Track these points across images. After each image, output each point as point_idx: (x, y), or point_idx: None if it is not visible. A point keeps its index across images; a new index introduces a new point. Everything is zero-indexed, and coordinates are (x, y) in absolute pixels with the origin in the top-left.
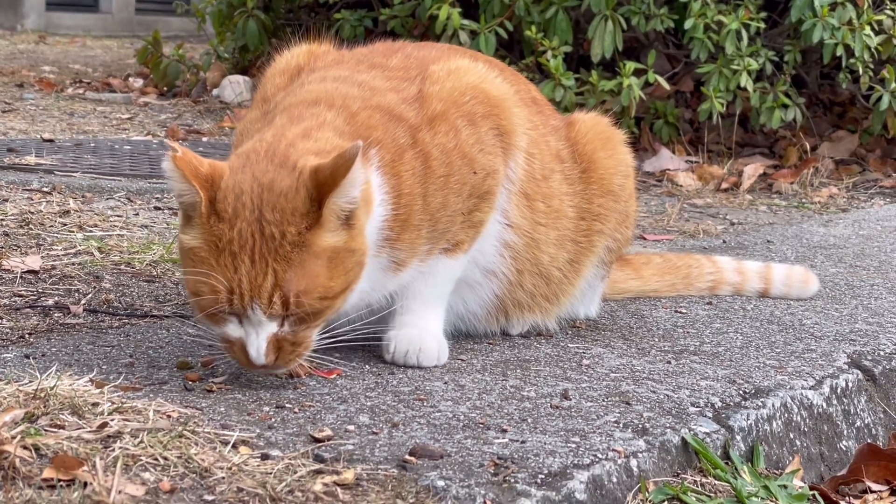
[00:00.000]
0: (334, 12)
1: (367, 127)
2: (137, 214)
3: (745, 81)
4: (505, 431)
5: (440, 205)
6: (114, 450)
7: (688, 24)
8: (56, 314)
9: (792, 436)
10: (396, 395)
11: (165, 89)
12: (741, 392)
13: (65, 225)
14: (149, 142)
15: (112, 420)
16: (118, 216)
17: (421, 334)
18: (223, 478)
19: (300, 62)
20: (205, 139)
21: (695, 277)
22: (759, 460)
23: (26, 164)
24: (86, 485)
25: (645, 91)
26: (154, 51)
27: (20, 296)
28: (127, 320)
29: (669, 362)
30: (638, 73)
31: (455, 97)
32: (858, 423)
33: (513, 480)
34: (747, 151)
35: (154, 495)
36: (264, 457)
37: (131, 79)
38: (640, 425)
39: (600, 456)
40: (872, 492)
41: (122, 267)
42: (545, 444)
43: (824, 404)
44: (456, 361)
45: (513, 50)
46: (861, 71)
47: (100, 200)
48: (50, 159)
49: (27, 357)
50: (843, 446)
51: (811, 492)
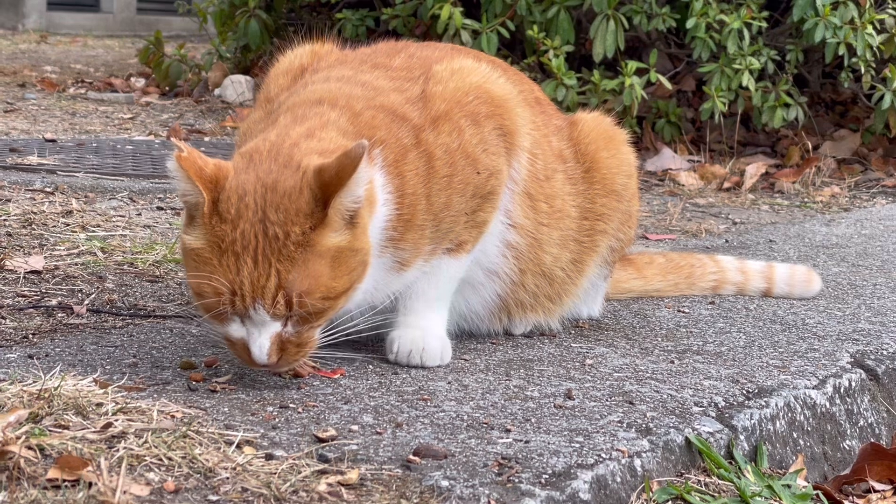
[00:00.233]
0: (336, 12)
1: (370, 127)
2: (140, 214)
3: (747, 81)
4: (509, 431)
5: (443, 205)
6: (118, 450)
7: (689, 24)
8: (59, 314)
9: (795, 435)
10: (400, 395)
11: (167, 89)
12: (744, 392)
13: (67, 225)
14: (151, 141)
15: (116, 420)
16: (121, 216)
17: (424, 334)
18: (227, 478)
19: (303, 62)
20: (207, 139)
21: (697, 277)
22: (762, 460)
23: (29, 164)
24: (90, 485)
25: (647, 90)
26: (156, 50)
27: (23, 296)
28: (130, 320)
29: (673, 362)
30: (640, 72)
31: (458, 97)
32: (862, 423)
33: (517, 480)
34: (749, 151)
35: (158, 495)
36: (268, 457)
37: (133, 78)
38: (644, 425)
39: (604, 456)
40: (876, 491)
41: (125, 267)
42: (549, 443)
43: (827, 404)
44: (459, 361)
45: (515, 49)
46: (863, 70)
47: (102, 200)
48: (52, 159)
49: (31, 357)
50: (846, 446)
51: (815, 491)
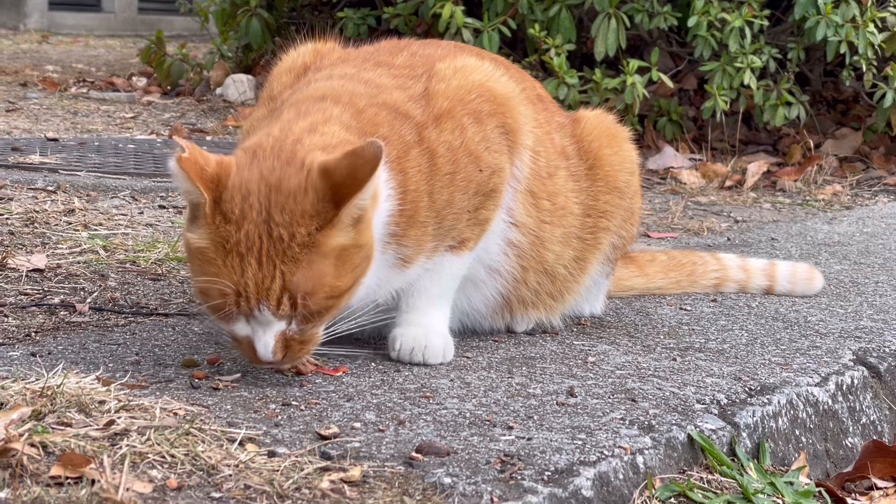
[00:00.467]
0: (337, 11)
1: (373, 124)
2: (142, 213)
3: (749, 79)
4: (511, 428)
5: (446, 202)
6: (121, 447)
7: (691, 22)
8: (62, 312)
9: (798, 432)
10: (402, 392)
11: (169, 88)
12: (747, 389)
13: (70, 223)
14: (153, 140)
15: (119, 418)
16: (123, 215)
17: (426, 332)
18: (230, 475)
19: (306, 60)
20: (208, 138)
21: (699, 275)
22: (764, 457)
23: (31, 163)
24: (93, 482)
25: (648, 89)
26: (157, 50)
27: (26, 294)
28: (133, 318)
29: (675, 359)
30: (641, 71)
31: (461, 95)
32: (864, 420)
33: (519, 477)
34: (751, 149)
35: (161, 493)
36: (271, 454)
37: (135, 78)
38: (646, 422)
39: (606, 453)
40: (878, 488)
41: (128, 265)
42: (551, 441)
43: (830, 401)
44: (461, 359)
45: (516, 48)
46: (864, 68)
47: (104, 199)
48: (54, 158)
49: (34, 355)
50: (848, 443)
51: (817, 488)
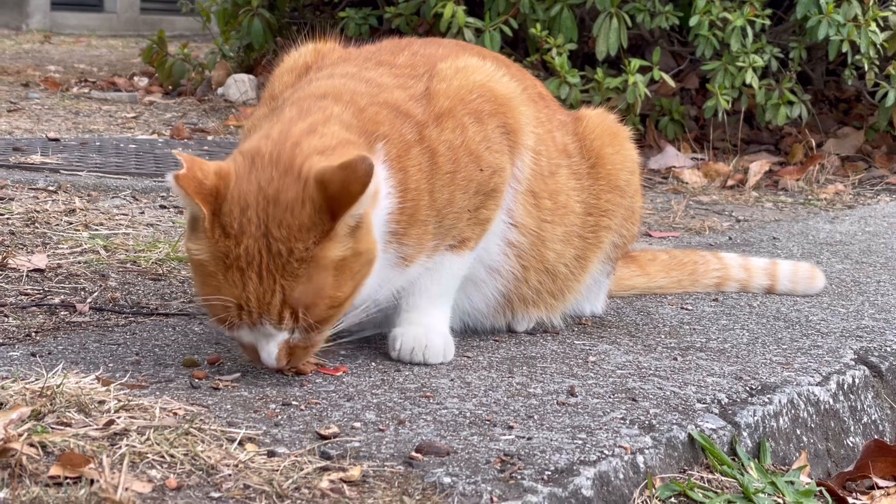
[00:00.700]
0: (339, 10)
1: (374, 122)
2: (143, 213)
3: (751, 78)
4: (511, 428)
5: (446, 201)
6: (120, 447)
7: (693, 22)
8: (62, 312)
9: (799, 432)
10: (402, 392)
11: (170, 88)
12: (748, 388)
13: (70, 223)
14: (154, 140)
15: (118, 418)
16: (124, 215)
17: (427, 331)
18: (230, 475)
19: (308, 60)
20: (210, 138)
21: (701, 274)
22: (765, 456)
23: (32, 163)
24: (92, 482)
25: (650, 88)
26: (159, 50)
27: (26, 294)
28: (133, 318)
29: (676, 359)
30: (643, 70)
31: (462, 95)
32: (865, 420)
33: (519, 477)
34: (753, 148)
35: (161, 492)
36: (271, 454)
37: (136, 78)
38: (647, 422)
39: (607, 452)
40: (880, 488)
41: (128, 265)
42: (551, 440)
43: (831, 400)
44: (462, 358)
45: (518, 48)
46: (866, 67)
47: (105, 199)
48: (55, 158)
49: (33, 355)
50: (849, 442)
51: (818, 488)
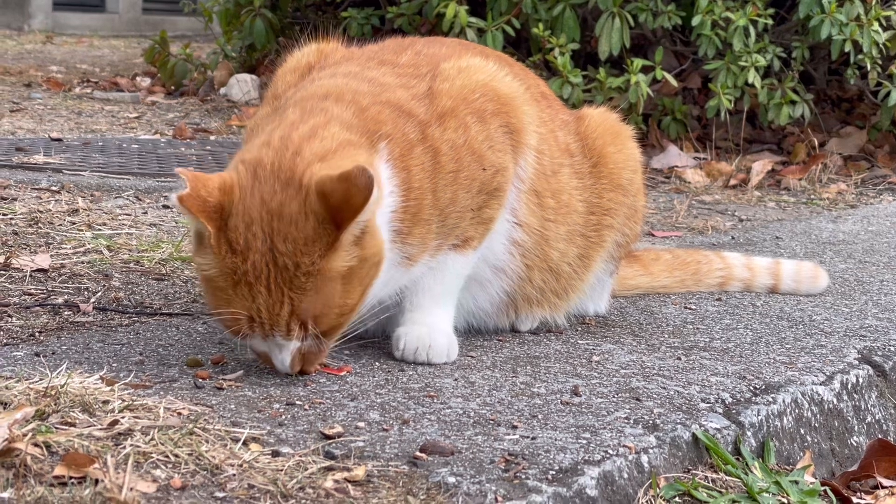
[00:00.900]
0: (341, 10)
1: (376, 121)
2: (146, 213)
3: (753, 78)
4: (515, 428)
5: (449, 200)
6: (125, 447)
7: (695, 21)
8: (66, 312)
9: (803, 431)
10: (406, 391)
11: (173, 88)
12: (751, 388)
13: (74, 223)
14: (157, 140)
15: (123, 417)
16: (127, 215)
17: (431, 331)
18: (234, 475)
19: (310, 60)
20: (212, 138)
21: (704, 273)
22: (769, 456)
23: (35, 164)
24: (97, 482)
25: (653, 88)
26: (161, 50)
27: (30, 294)
28: (136, 318)
29: (679, 358)
30: (645, 70)
31: (465, 94)
32: (869, 419)
33: (524, 477)
34: (755, 148)
35: (165, 492)
36: (275, 454)
37: (139, 78)
38: (651, 421)
39: (611, 452)
40: (884, 487)
41: (132, 265)
42: (556, 440)
43: (835, 400)
44: (466, 358)
45: (520, 47)
46: (869, 67)
47: (108, 199)
48: (58, 158)
49: (37, 355)
50: (853, 442)
51: (823, 487)
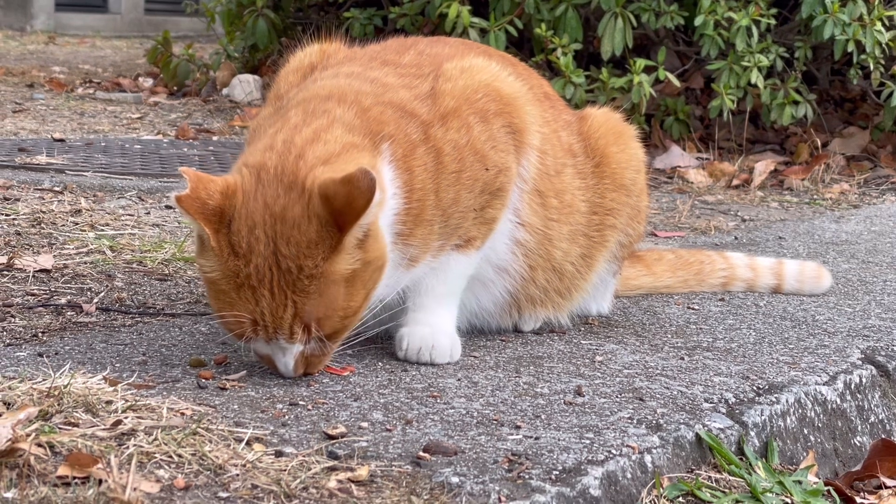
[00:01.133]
0: (344, 11)
1: (378, 122)
2: (149, 213)
3: (756, 78)
4: (519, 428)
5: (452, 200)
6: (128, 447)
7: (698, 21)
8: (69, 313)
9: (806, 431)
10: (410, 392)
11: (175, 89)
12: (755, 388)
13: (76, 224)
14: (159, 141)
15: (126, 418)
16: (129, 215)
17: (433, 331)
18: (237, 475)
19: (313, 60)
20: (215, 138)
21: (707, 274)
22: (773, 456)
23: (37, 164)
24: (100, 482)
25: (655, 88)
26: (164, 50)
27: (33, 294)
28: (139, 318)
29: (682, 358)
30: (648, 70)
31: (467, 94)
32: (872, 419)
33: (527, 477)
34: (758, 148)
35: (169, 492)
36: (278, 454)
37: (141, 78)
38: (654, 421)
39: (614, 452)
40: (887, 487)
41: (134, 265)
42: (559, 440)
43: (838, 400)
44: (469, 358)
45: (523, 48)
46: (872, 67)
47: (111, 199)
48: (61, 159)
49: (40, 355)
50: (857, 442)
51: (826, 487)
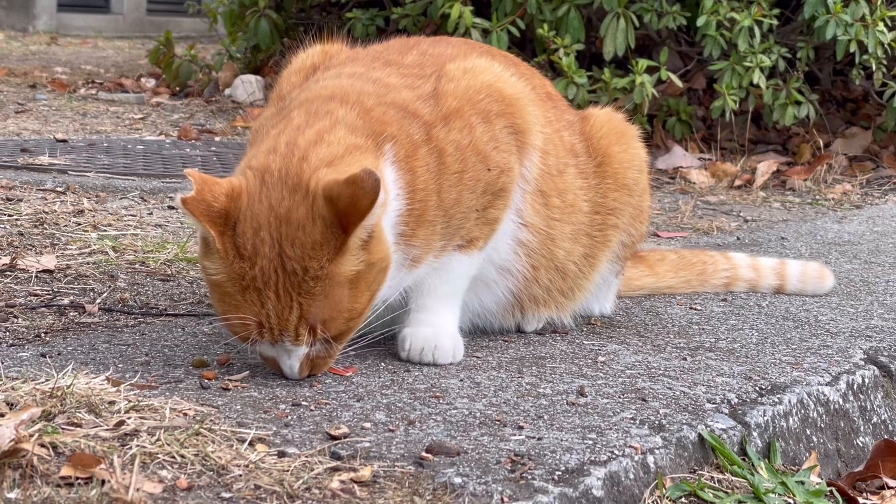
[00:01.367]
0: (346, 11)
1: (381, 123)
2: (151, 213)
3: (758, 78)
4: (521, 428)
5: (454, 200)
6: (131, 448)
7: (700, 22)
8: (71, 313)
9: (808, 432)
10: (412, 392)
11: (177, 89)
12: (757, 388)
13: (79, 224)
14: (162, 141)
15: (129, 418)
16: (132, 215)
17: (436, 332)
18: (240, 475)
19: (315, 61)
20: (217, 139)
21: (710, 274)
22: (775, 456)
23: (40, 165)
24: (103, 482)
25: (657, 88)
26: (166, 51)
27: (35, 295)
28: (142, 319)
29: (685, 359)
30: (650, 70)
31: (470, 95)
32: (875, 420)
33: (530, 477)
34: (760, 148)
35: (171, 493)
36: (281, 454)
37: (143, 79)
38: (657, 422)
39: (617, 452)
40: (890, 488)
41: (137, 266)
42: (562, 440)
43: (841, 400)
44: (471, 359)
45: (525, 48)
46: (874, 67)
47: (113, 200)
48: (63, 159)
49: (43, 356)
50: (859, 442)
51: (828, 488)
